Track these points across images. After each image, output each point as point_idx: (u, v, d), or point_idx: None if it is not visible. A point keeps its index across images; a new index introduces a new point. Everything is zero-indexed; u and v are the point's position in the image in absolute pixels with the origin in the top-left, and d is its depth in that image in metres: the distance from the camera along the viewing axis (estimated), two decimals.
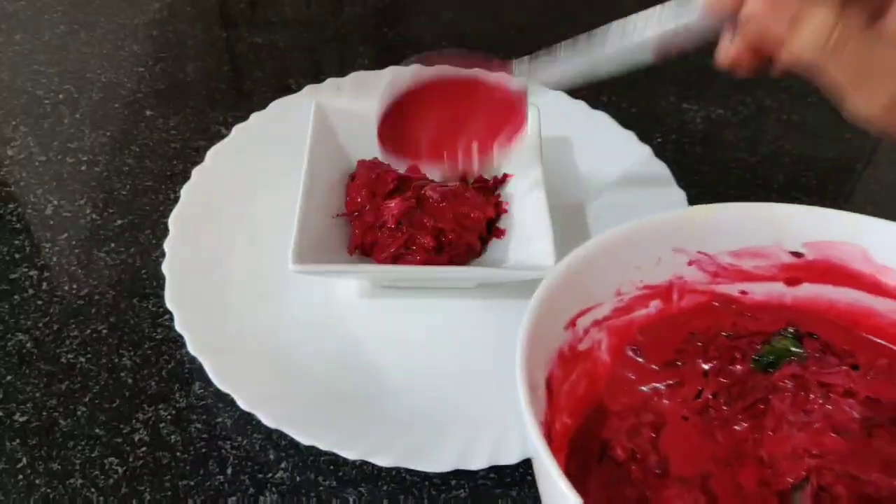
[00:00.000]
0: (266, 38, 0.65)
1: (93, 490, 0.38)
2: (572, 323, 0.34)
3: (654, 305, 0.37)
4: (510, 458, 0.38)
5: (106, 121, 0.57)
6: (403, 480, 0.39)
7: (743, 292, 0.37)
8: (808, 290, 0.37)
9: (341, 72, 0.57)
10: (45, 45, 0.63)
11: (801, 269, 0.37)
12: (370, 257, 0.46)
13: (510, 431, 0.39)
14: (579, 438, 0.33)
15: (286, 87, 0.58)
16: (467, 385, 0.42)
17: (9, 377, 0.42)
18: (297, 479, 0.39)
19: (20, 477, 0.38)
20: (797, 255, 0.36)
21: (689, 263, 0.37)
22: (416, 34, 0.66)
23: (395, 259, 0.45)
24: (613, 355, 0.36)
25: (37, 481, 0.38)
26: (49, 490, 0.38)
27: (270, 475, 0.39)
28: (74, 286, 0.47)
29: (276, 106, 0.54)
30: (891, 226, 0.35)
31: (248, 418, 0.40)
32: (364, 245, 0.46)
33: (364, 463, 0.39)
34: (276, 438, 0.40)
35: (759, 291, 0.37)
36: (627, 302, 0.36)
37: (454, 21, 0.68)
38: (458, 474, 0.39)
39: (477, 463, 0.38)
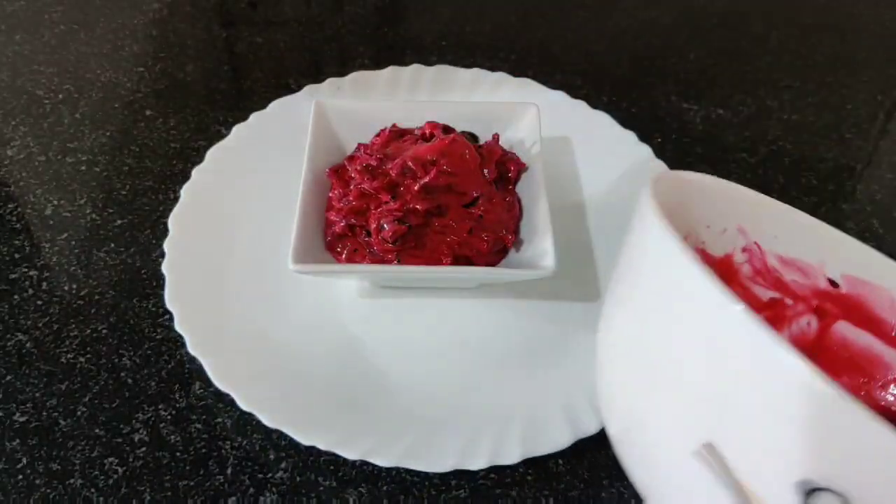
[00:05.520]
0: (266, 37, 0.65)
1: (93, 490, 0.38)
2: None
3: None
4: (510, 458, 0.38)
5: (106, 120, 0.57)
6: (403, 480, 0.39)
7: (773, 300, 0.37)
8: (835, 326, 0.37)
9: (341, 72, 0.57)
10: (44, 44, 0.63)
11: (832, 300, 0.37)
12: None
13: (510, 431, 0.39)
14: None
15: (286, 87, 0.58)
16: (467, 385, 0.42)
17: (8, 377, 0.42)
18: (297, 479, 0.39)
19: (20, 477, 0.38)
20: (834, 283, 0.37)
21: (744, 250, 0.37)
22: (416, 34, 0.66)
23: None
24: None
25: (36, 481, 0.38)
26: (49, 490, 0.38)
27: (270, 475, 0.39)
28: (74, 286, 0.47)
29: (276, 106, 0.54)
30: None
31: (248, 418, 0.40)
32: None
33: (364, 463, 0.39)
34: (276, 438, 0.40)
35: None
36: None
37: (454, 21, 0.68)
38: (458, 474, 0.39)
39: (477, 463, 0.38)
